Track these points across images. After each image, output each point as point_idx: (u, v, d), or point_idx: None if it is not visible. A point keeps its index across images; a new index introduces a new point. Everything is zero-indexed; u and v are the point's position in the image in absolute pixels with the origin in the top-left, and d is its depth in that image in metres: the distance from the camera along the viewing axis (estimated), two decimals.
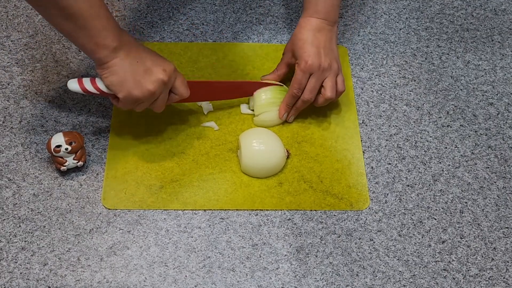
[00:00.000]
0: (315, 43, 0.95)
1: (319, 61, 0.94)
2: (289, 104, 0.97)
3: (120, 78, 0.83)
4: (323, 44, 0.96)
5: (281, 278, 0.85)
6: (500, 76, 1.08)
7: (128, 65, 0.83)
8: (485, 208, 0.93)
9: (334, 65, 0.95)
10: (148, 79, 0.84)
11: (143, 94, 0.84)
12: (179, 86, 0.89)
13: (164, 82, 0.85)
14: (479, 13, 1.17)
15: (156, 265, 0.85)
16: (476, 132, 1.01)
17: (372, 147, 0.98)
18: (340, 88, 0.96)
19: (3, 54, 1.04)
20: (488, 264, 0.88)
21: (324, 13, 0.96)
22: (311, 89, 0.95)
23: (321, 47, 0.95)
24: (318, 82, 0.95)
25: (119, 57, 0.82)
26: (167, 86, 0.86)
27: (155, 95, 0.85)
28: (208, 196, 0.91)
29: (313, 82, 0.94)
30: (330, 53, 0.96)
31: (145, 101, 0.86)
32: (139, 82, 0.83)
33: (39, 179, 0.92)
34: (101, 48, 0.81)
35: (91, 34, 0.80)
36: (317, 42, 0.95)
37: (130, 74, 0.83)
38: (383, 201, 0.93)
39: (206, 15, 1.12)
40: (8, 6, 1.11)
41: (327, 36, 0.97)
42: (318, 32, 0.96)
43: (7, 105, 0.99)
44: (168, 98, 0.89)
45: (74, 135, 0.90)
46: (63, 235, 0.87)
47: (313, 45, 0.95)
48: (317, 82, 0.95)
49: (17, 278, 0.83)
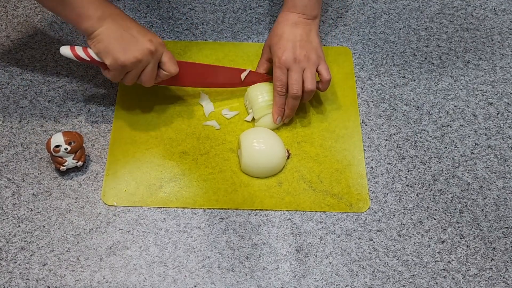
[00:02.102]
0: (291, 37, 0.95)
1: (294, 54, 0.93)
2: (280, 105, 0.96)
3: (107, 45, 0.85)
4: (299, 37, 0.95)
5: (280, 278, 0.85)
6: (500, 76, 1.08)
7: (114, 33, 0.85)
8: (485, 208, 0.93)
9: (312, 56, 0.95)
10: (135, 47, 0.85)
11: (129, 61, 0.85)
12: (167, 61, 0.89)
13: (150, 52, 0.86)
14: (479, 13, 1.17)
15: (156, 265, 0.85)
16: (476, 132, 1.01)
17: (372, 147, 0.98)
18: (324, 77, 0.95)
19: (3, 54, 1.04)
20: (488, 264, 0.88)
21: (301, 7, 0.97)
22: (294, 83, 0.94)
23: (297, 40, 0.95)
24: (298, 75, 0.94)
25: (105, 26, 0.85)
26: (154, 57, 0.87)
27: (141, 63, 0.86)
28: (208, 195, 0.91)
29: (293, 76, 0.94)
30: (306, 45, 0.95)
31: (133, 70, 0.87)
32: (125, 49, 0.85)
33: (39, 179, 0.92)
34: (84, 18, 0.84)
35: (73, 6, 0.84)
36: (292, 36, 0.95)
37: (116, 41, 0.85)
38: (383, 201, 0.93)
39: (206, 14, 1.12)
40: (7, 6, 1.11)
41: (304, 29, 0.97)
42: (295, 26, 0.96)
43: (7, 105, 0.99)
44: (157, 74, 0.91)
45: (73, 135, 0.90)
46: (63, 235, 0.87)
47: (288, 40, 0.95)
48: (297, 75, 0.94)
49: (17, 278, 0.83)
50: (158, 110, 0.99)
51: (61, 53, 0.89)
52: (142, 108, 0.99)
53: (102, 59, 0.86)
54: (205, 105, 1.00)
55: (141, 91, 1.00)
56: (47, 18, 1.09)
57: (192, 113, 0.99)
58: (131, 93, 1.00)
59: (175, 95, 1.01)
